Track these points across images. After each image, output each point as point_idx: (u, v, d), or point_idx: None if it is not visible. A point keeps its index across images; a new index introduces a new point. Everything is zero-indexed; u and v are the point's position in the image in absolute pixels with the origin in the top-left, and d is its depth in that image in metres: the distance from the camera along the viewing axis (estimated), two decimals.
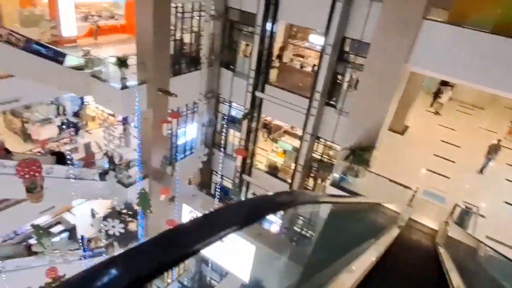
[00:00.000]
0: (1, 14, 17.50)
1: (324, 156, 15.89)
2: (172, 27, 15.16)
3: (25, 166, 7.44)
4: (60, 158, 14.39)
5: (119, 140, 18.26)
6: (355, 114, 12.97)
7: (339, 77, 14.52)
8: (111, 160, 14.93)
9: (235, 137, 18.53)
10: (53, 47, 13.99)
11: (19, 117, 18.23)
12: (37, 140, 17.25)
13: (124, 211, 13.15)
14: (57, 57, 13.65)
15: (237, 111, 17.91)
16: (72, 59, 14.36)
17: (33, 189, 7.81)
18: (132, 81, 14.27)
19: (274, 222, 17.89)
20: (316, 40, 18.25)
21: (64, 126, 18.20)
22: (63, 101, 18.86)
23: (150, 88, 14.50)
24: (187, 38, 16.88)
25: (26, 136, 17.58)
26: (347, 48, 13.89)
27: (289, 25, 17.61)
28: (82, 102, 19.73)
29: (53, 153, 15.24)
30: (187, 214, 15.01)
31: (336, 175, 12.51)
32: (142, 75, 14.49)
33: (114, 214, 12.10)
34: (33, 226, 12.04)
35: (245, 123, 17.03)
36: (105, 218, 12.08)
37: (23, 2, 17.89)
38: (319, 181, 16.47)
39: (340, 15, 12.96)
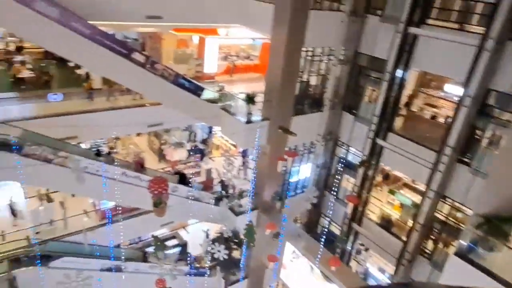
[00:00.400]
0: (161, 53, 20.92)
1: (449, 218, 13.98)
2: (300, 69, 15.84)
3: (156, 183, 8.45)
4: (182, 178, 15.94)
5: (237, 171, 19.45)
6: (494, 176, 11.14)
7: (478, 132, 12.85)
8: (224, 187, 15.91)
9: (349, 183, 17.84)
10: (195, 81, 15.98)
11: (159, 139, 21.07)
12: (169, 160, 19.55)
13: (231, 238, 13.69)
14: (197, 91, 15.52)
15: (354, 156, 17.32)
16: (209, 93, 16.14)
17: (159, 204, 8.77)
18: (256, 117, 15.23)
19: None
20: (453, 90, 16.68)
21: (192, 151, 20.27)
22: (195, 128, 21.15)
23: (272, 125, 15.21)
24: (313, 80, 17.38)
25: (161, 156, 20.10)
26: (490, 101, 12.27)
27: (422, 72, 16.58)
28: (210, 131, 21.82)
29: (176, 172, 16.99)
30: (290, 253, 14.79)
31: (463, 243, 10.79)
32: (267, 112, 15.33)
33: (221, 239, 12.70)
34: (153, 236, 13.47)
35: (361, 170, 16.29)
36: (213, 241, 12.75)
37: (179, 43, 21.07)
38: (440, 245, 14.47)
39: (486, 65, 11.63)
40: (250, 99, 14.97)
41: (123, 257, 14.16)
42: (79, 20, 11.94)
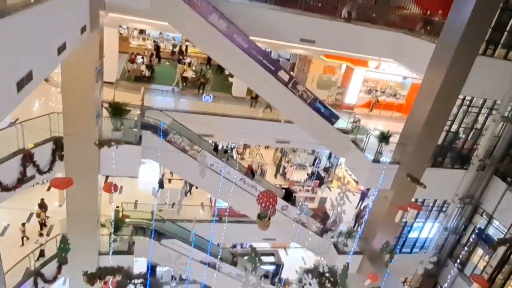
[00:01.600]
0: (307, 76, 21.58)
1: None
2: (449, 118, 14.17)
3: (265, 196, 8.60)
4: (288, 195, 15.89)
5: (353, 208, 18.51)
6: None
7: None
8: (323, 220, 15.29)
9: (482, 260, 15.04)
10: (332, 108, 15.89)
11: (285, 156, 21.63)
12: (288, 179, 19.84)
13: (327, 274, 12.95)
14: (331, 118, 15.38)
15: (496, 231, 14.55)
16: (343, 122, 15.83)
17: (263, 217, 8.91)
18: (386, 158, 14.23)
19: None
20: None
21: (312, 176, 20.15)
22: (321, 154, 20.98)
23: (401, 170, 13.98)
24: (463, 133, 15.33)
25: (282, 174, 20.55)
26: None
27: None
28: (337, 161, 21.34)
29: (284, 188, 17.05)
30: None
31: None
32: (398, 155, 14.19)
33: (315, 272, 12.12)
34: (251, 247, 13.77)
35: (501, 249, 13.54)
36: (306, 271, 12.29)
37: (326, 69, 21.36)
38: None
39: None
40: (383, 138, 14.12)
41: (219, 256, 14.90)
42: (241, 35, 13.24)
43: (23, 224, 13.67)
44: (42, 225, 14.36)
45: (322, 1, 16.00)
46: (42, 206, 14.38)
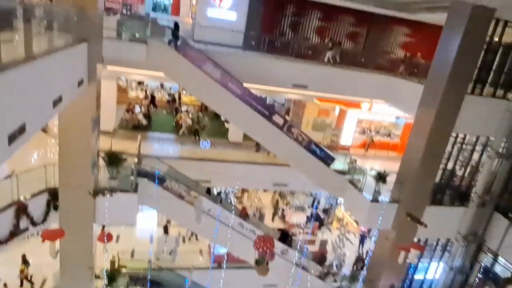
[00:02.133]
0: (302, 119, 21.95)
1: None
2: (445, 156, 14.26)
3: (262, 241, 8.48)
4: (284, 236, 15.52)
5: (355, 249, 18.05)
6: None
7: None
8: (320, 262, 14.89)
9: None
10: (327, 150, 16.03)
11: (283, 199, 21.44)
12: (287, 222, 19.53)
13: None
14: (327, 159, 15.49)
15: (503, 269, 14.10)
16: (339, 164, 15.90)
17: (261, 263, 8.70)
18: (384, 197, 14.14)
19: None
20: None
21: (312, 218, 19.84)
22: (319, 196, 20.81)
23: (400, 209, 13.87)
24: (459, 170, 15.35)
25: (281, 216, 20.26)
26: None
27: None
28: (336, 202, 21.12)
29: (280, 229, 16.71)
30: None
31: None
32: (397, 194, 14.12)
33: None
34: None
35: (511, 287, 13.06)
36: None
37: (321, 112, 21.76)
38: None
39: None
40: (380, 177, 14.14)
41: None
42: (235, 82, 13.70)
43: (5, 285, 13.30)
44: (29, 281, 13.90)
45: (311, 48, 16.76)
46: (25, 262, 13.99)
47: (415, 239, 14.48)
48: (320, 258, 15.95)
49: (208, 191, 15.16)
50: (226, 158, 16.00)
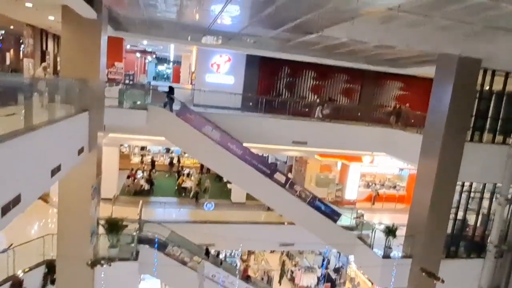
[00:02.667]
0: (305, 176, 21.87)
1: None
2: (454, 206, 13.88)
3: None
4: None
5: None
6: None
7: None
8: None
9: None
10: (332, 206, 15.69)
11: (292, 260, 20.55)
12: (296, 284, 18.51)
13: None
14: (333, 215, 15.09)
15: None
16: (346, 219, 15.46)
17: None
18: (396, 252, 13.53)
19: None
20: None
21: (323, 279, 18.82)
22: (329, 255, 19.94)
23: (415, 264, 13.17)
24: (471, 219, 14.83)
25: (291, 279, 19.25)
26: None
27: None
28: (347, 260, 20.16)
29: None
30: None
31: None
32: (409, 248, 13.52)
33: None
34: None
35: None
36: None
37: (323, 168, 21.74)
38: None
39: None
40: (389, 232, 13.62)
41: None
42: (235, 142, 13.85)
43: None
44: None
45: (307, 106, 17.19)
46: None
47: None
48: None
49: (207, 252, 14.52)
50: (230, 220, 15.66)
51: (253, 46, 15.43)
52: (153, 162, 21.94)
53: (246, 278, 14.46)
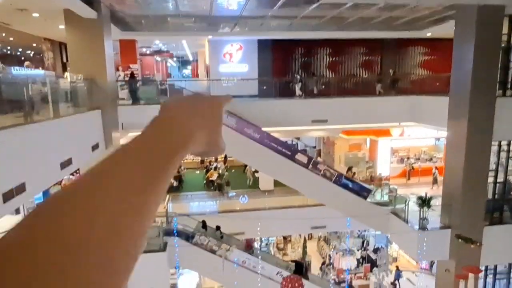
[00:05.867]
0: (334, 157, 21.32)
1: None
2: (493, 168, 12.89)
3: (289, 282, 7.74)
4: (299, 268, 14.11)
5: None
6: None
7: None
8: None
9: None
10: (361, 182, 15.12)
11: (329, 244, 20.08)
12: (336, 268, 18.05)
13: None
14: (362, 192, 14.54)
15: None
16: (377, 195, 14.86)
17: None
18: (434, 224, 12.80)
19: None
20: None
21: (363, 261, 18.23)
22: (368, 236, 19.30)
23: (454, 235, 12.35)
24: None
25: (329, 264, 18.79)
26: None
27: None
28: (387, 240, 19.38)
29: (293, 261, 15.51)
30: None
31: None
32: (446, 218, 12.72)
33: None
34: None
35: None
36: None
37: (352, 147, 21.08)
38: None
39: None
40: (423, 202, 12.89)
41: None
42: (251, 126, 13.71)
43: None
44: None
45: (325, 84, 16.66)
46: None
47: (482, 267, 12.68)
48: None
49: (204, 225, 14.16)
50: (258, 207, 15.56)
51: (261, 28, 15.14)
52: None
53: (248, 248, 14.14)
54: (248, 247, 14.15)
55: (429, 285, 15.75)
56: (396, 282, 16.80)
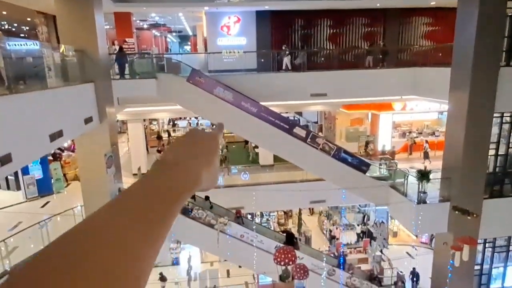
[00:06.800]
0: (335, 132, 21.12)
1: None
2: (492, 140, 12.63)
3: (282, 253, 7.74)
4: (289, 238, 14.19)
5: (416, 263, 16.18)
6: None
7: None
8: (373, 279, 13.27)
9: None
10: (360, 157, 14.99)
11: (330, 219, 20.19)
12: (337, 240, 18.18)
13: None
14: (361, 166, 14.41)
15: None
16: (375, 169, 14.75)
17: (285, 278, 7.90)
18: (432, 198, 12.69)
19: None
20: None
21: (363, 235, 18.33)
22: (368, 210, 19.33)
23: (452, 206, 12.27)
24: None
25: (329, 238, 18.95)
26: None
27: None
28: (387, 215, 19.41)
29: (284, 231, 15.60)
30: None
31: None
32: (446, 192, 12.61)
33: None
34: None
35: None
36: None
37: (353, 122, 20.84)
38: None
39: None
40: (422, 176, 12.75)
41: None
42: (249, 101, 13.52)
43: None
44: None
45: (325, 57, 16.26)
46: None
47: (480, 240, 12.66)
48: (372, 276, 14.42)
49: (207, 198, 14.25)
50: (257, 182, 15.54)
51: None
52: (159, 137, 22.34)
53: (237, 217, 14.23)
54: (238, 213, 14.21)
55: (428, 259, 15.82)
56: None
